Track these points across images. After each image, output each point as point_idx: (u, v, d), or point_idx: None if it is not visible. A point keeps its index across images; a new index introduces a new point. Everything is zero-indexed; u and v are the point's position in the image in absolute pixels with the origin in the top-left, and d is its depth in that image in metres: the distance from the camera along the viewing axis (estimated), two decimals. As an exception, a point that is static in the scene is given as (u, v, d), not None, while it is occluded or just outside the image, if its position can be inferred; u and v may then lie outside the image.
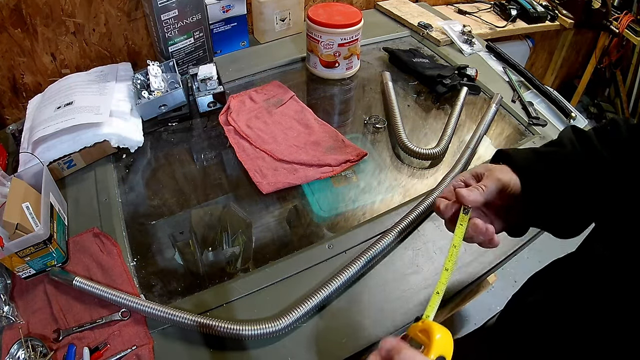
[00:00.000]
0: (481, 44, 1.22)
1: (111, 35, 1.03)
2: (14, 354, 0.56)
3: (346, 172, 0.83)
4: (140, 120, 0.88)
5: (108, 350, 0.56)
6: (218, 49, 1.12)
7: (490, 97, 1.01)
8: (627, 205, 0.40)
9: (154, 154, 0.87)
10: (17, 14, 0.88)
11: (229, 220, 0.74)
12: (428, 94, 1.04)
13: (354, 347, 0.57)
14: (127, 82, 0.91)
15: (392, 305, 0.62)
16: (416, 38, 1.25)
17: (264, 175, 0.80)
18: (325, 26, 0.97)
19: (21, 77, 0.97)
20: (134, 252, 0.69)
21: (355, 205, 0.77)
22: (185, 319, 0.56)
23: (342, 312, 0.61)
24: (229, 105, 0.95)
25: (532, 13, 1.49)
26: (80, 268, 0.65)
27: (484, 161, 0.85)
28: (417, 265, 0.67)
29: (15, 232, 0.60)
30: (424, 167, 0.85)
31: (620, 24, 1.66)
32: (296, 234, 0.73)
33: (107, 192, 0.77)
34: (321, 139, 0.88)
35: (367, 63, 1.14)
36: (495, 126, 0.95)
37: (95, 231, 0.70)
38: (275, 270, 0.65)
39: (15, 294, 0.63)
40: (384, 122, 0.95)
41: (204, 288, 0.64)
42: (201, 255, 0.69)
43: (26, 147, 0.78)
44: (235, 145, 0.87)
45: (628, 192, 0.41)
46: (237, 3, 1.06)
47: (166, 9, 0.91)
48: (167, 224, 0.74)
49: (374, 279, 0.65)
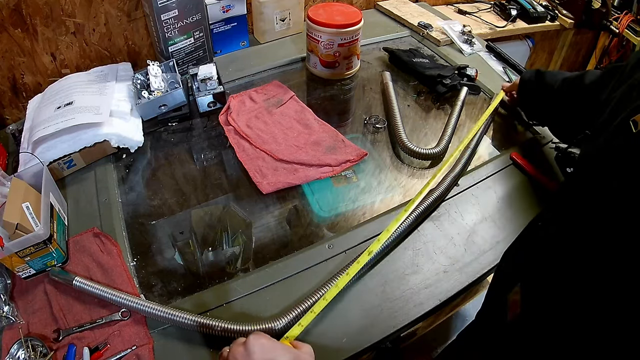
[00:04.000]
0: (481, 44, 1.22)
1: (111, 35, 1.03)
2: (14, 354, 0.56)
3: (346, 172, 0.83)
4: (140, 120, 0.88)
5: (108, 350, 0.56)
6: (218, 49, 1.12)
7: (491, 97, 1.01)
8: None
9: (154, 154, 0.87)
10: (17, 14, 0.88)
11: (229, 220, 0.74)
12: (428, 94, 1.03)
13: (354, 347, 0.57)
14: (127, 82, 0.91)
15: (392, 305, 0.62)
16: (416, 38, 1.25)
17: (264, 175, 0.80)
18: (325, 26, 0.97)
19: (21, 77, 0.97)
20: (134, 252, 0.69)
21: (355, 205, 0.77)
22: (185, 318, 0.56)
23: (342, 312, 0.61)
24: (229, 105, 0.95)
25: (532, 13, 1.49)
26: (80, 268, 0.65)
27: (484, 161, 0.85)
28: (417, 265, 0.67)
29: (15, 232, 0.60)
30: (424, 167, 0.85)
31: (620, 24, 1.66)
32: (296, 234, 0.73)
33: (107, 192, 0.77)
34: (321, 139, 0.88)
35: (367, 63, 1.14)
36: (495, 126, 0.95)
37: (95, 231, 0.70)
38: (275, 270, 0.65)
39: (15, 294, 0.63)
40: (384, 122, 0.95)
41: (204, 288, 0.64)
42: (201, 255, 0.69)
43: (26, 147, 0.78)
44: (235, 145, 0.87)
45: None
46: (237, 3, 1.06)
47: (166, 9, 0.91)
48: (167, 224, 0.74)
49: (374, 279, 0.65)
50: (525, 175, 0.82)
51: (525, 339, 0.47)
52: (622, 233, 0.36)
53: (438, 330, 1.23)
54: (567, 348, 0.41)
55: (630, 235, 0.35)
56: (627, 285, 0.35)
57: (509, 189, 0.79)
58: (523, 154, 0.84)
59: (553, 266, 0.45)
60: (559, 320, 0.42)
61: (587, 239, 0.40)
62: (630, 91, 0.43)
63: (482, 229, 0.72)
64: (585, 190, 0.43)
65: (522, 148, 0.87)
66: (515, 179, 0.81)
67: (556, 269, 0.45)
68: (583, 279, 0.40)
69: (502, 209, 0.76)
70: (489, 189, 0.79)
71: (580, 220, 0.43)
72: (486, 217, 0.74)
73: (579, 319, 0.40)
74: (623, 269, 0.35)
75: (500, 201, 0.77)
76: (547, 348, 0.43)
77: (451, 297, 0.64)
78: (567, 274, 0.42)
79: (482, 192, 0.79)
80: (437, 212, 0.75)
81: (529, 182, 0.81)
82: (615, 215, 0.37)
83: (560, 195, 0.51)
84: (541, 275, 0.47)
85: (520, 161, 0.83)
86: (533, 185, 0.80)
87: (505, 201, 0.77)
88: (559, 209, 0.50)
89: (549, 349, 0.43)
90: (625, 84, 0.46)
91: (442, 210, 0.75)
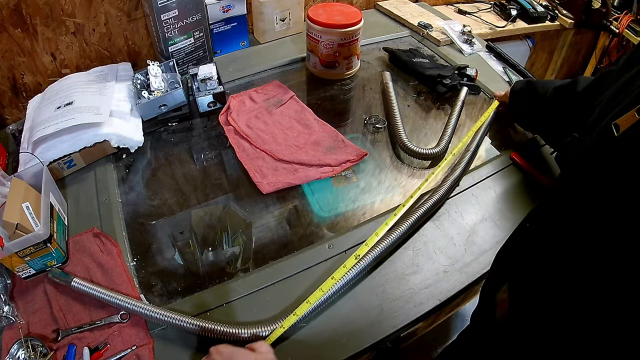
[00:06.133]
0: (481, 44, 1.22)
1: (111, 35, 1.03)
2: (14, 354, 0.56)
3: (346, 172, 0.83)
4: (140, 120, 0.88)
5: (108, 350, 0.56)
6: (218, 49, 1.12)
7: (491, 97, 1.01)
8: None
9: (154, 154, 0.87)
10: (17, 14, 0.88)
11: (229, 220, 0.74)
12: (428, 94, 1.03)
13: (354, 347, 0.57)
14: (127, 82, 0.91)
15: (392, 305, 0.62)
16: (416, 38, 1.25)
17: (264, 175, 0.80)
18: (325, 26, 0.97)
19: (21, 77, 0.97)
20: (134, 252, 0.69)
21: (355, 205, 0.77)
22: (184, 322, 0.56)
23: (342, 312, 0.61)
24: (229, 105, 0.95)
25: (532, 13, 1.49)
26: (80, 268, 0.65)
27: (484, 161, 0.85)
28: (417, 265, 0.67)
29: (15, 232, 0.60)
30: (424, 167, 0.85)
31: (620, 24, 1.66)
32: (296, 234, 0.73)
33: (107, 192, 0.77)
34: (321, 139, 0.88)
35: (367, 63, 1.14)
36: (495, 126, 0.95)
37: (95, 231, 0.70)
38: (275, 270, 0.65)
39: (15, 294, 0.63)
40: (384, 122, 0.95)
41: (204, 288, 0.64)
42: (201, 255, 0.69)
43: (26, 147, 0.78)
44: (235, 145, 0.87)
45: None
46: (237, 3, 1.06)
47: (166, 9, 0.91)
48: (167, 224, 0.74)
49: (374, 279, 0.65)
50: (525, 175, 0.82)
51: (512, 336, 0.48)
52: (602, 234, 0.36)
53: (438, 330, 1.24)
54: (552, 346, 0.41)
55: (610, 235, 0.35)
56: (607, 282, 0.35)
57: (509, 189, 0.79)
58: (523, 154, 0.84)
59: (538, 265, 0.46)
60: (544, 318, 0.43)
61: (569, 239, 0.41)
62: (617, 93, 0.44)
63: (482, 229, 0.72)
64: (569, 191, 0.44)
65: (522, 148, 0.87)
66: (515, 179, 0.81)
67: (541, 268, 0.45)
68: (568, 278, 0.40)
69: (502, 208, 0.76)
70: (489, 188, 0.79)
71: (564, 221, 0.43)
72: (486, 217, 0.74)
73: (563, 317, 0.40)
74: (603, 267, 0.36)
75: (500, 201, 0.77)
76: (532, 345, 0.44)
77: (451, 297, 0.64)
78: (552, 274, 0.43)
79: (482, 192, 0.79)
80: (437, 212, 0.75)
81: (529, 182, 0.81)
82: (597, 217, 0.38)
83: (547, 196, 0.52)
84: (526, 274, 0.48)
85: (520, 161, 0.83)
86: (533, 185, 0.80)
87: (505, 201, 0.77)
88: (544, 209, 0.50)
89: (535, 346, 0.43)
90: (614, 86, 0.46)
91: (442, 210, 0.75)
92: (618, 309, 0.35)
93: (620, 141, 0.36)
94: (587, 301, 0.37)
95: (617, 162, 0.36)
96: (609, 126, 0.37)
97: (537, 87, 0.80)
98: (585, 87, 0.69)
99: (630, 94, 0.39)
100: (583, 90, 0.69)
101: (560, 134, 0.75)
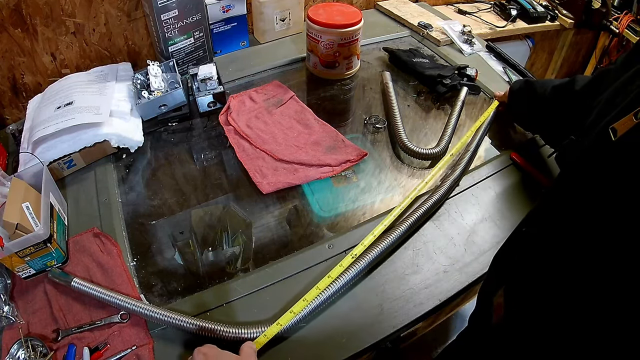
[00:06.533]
0: (481, 44, 1.22)
1: (111, 35, 1.03)
2: (14, 354, 0.56)
3: (346, 172, 0.83)
4: (140, 120, 0.88)
5: (108, 350, 0.56)
6: (218, 49, 1.12)
7: (491, 97, 1.01)
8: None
9: (154, 154, 0.87)
10: (17, 14, 0.88)
11: (229, 220, 0.74)
12: (428, 94, 1.03)
13: (354, 347, 0.57)
14: (127, 82, 0.91)
15: (392, 305, 0.62)
16: (416, 38, 1.25)
17: (264, 175, 0.80)
18: (325, 26, 0.97)
19: (21, 77, 0.97)
20: (134, 252, 0.69)
21: (355, 205, 0.77)
22: (184, 322, 0.56)
23: (342, 312, 0.61)
24: (229, 105, 0.95)
25: (532, 13, 1.49)
26: (80, 268, 0.65)
27: (484, 161, 0.85)
28: (417, 265, 0.67)
29: (15, 232, 0.60)
30: (424, 167, 0.85)
31: (620, 24, 1.66)
32: (296, 234, 0.73)
33: (107, 192, 0.77)
34: (321, 139, 0.88)
35: (367, 63, 1.14)
36: (495, 126, 0.95)
37: (95, 231, 0.70)
38: (275, 270, 0.65)
39: (15, 294, 0.63)
40: (384, 122, 0.95)
41: (204, 288, 0.64)
42: (201, 255, 0.69)
43: (26, 147, 0.78)
44: (235, 145, 0.87)
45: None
46: (237, 3, 1.06)
47: (166, 9, 0.91)
48: (167, 224, 0.74)
49: (374, 279, 0.65)
50: (525, 175, 0.82)
51: (508, 341, 0.48)
52: (601, 237, 0.36)
53: (438, 330, 1.24)
54: (547, 351, 0.41)
55: (608, 239, 0.35)
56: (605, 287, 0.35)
57: (509, 189, 0.79)
58: (523, 154, 0.84)
59: (534, 269, 0.46)
60: (539, 324, 0.43)
61: (567, 242, 0.41)
62: (615, 95, 0.43)
63: (482, 229, 0.72)
64: (567, 195, 0.44)
65: (521, 148, 0.87)
66: (515, 179, 0.81)
67: (537, 272, 0.45)
68: (564, 282, 0.40)
69: (501, 208, 0.76)
70: (488, 188, 0.79)
71: (562, 224, 0.43)
72: (486, 217, 0.74)
73: (558, 321, 0.40)
74: (601, 271, 0.36)
75: (500, 201, 0.77)
76: (527, 351, 0.43)
77: (451, 297, 0.64)
78: (548, 277, 0.43)
79: (482, 192, 0.79)
80: (437, 212, 0.75)
81: (528, 182, 0.81)
82: (595, 221, 0.37)
83: (545, 199, 0.52)
84: (522, 278, 0.48)
85: (519, 161, 0.83)
86: (533, 185, 0.80)
87: (505, 201, 0.77)
88: (543, 212, 0.50)
89: (530, 351, 0.43)
90: (612, 87, 0.46)
91: (442, 210, 0.75)
92: (615, 316, 0.34)
93: (618, 145, 0.36)
94: (584, 306, 0.37)
95: (615, 166, 0.36)
96: (606, 130, 0.37)
97: (536, 86, 0.80)
98: (583, 86, 0.69)
99: (627, 96, 0.39)
100: (581, 90, 0.69)
101: (559, 133, 0.75)
